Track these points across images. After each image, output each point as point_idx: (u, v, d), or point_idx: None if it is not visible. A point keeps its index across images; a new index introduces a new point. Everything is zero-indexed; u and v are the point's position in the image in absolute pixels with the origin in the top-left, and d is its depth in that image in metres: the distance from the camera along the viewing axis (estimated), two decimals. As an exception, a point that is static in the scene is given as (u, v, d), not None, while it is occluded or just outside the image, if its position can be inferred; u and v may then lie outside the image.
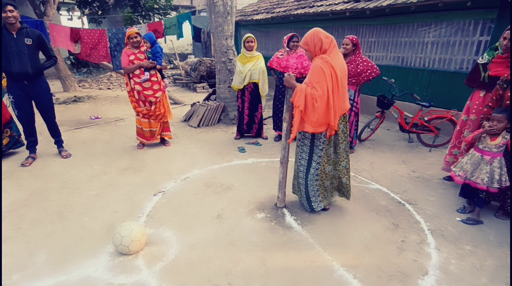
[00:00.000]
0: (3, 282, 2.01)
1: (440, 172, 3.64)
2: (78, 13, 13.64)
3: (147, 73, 4.00)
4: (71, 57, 11.83)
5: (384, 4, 5.07)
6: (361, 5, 5.57)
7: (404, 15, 5.14)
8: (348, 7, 5.79)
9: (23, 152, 4.16)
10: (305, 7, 7.27)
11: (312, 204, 2.72)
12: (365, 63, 3.79)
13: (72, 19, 15.56)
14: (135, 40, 3.88)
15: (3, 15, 3.27)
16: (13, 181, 3.43)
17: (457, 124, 4.17)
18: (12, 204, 2.96)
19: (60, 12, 13.12)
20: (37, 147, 4.05)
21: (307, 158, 2.60)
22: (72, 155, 4.16)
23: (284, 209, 2.85)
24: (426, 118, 4.32)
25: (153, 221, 2.69)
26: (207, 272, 2.11)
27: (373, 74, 3.82)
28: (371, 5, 5.33)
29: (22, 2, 10.12)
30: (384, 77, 4.59)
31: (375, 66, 3.83)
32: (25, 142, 4.07)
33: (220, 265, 2.18)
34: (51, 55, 3.77)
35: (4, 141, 4.00)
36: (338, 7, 6.01)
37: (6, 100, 3.77)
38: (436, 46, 4.94)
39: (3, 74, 3.88)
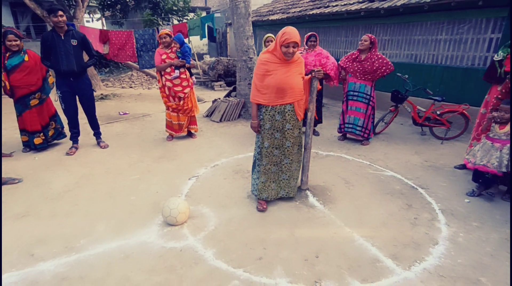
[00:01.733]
0: (74, 245, 2.40)
1: (452, 162, 3.88)
2: (97, 15, 14.24)
3: (177, 71, 4.37)
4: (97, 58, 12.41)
5: (398, 4, 5.32)
6: (375, 5, 5.82)
7: (418, 14, 5.37)
8: (363, 7, 6.04)
9: (66, 143, 4.60)
10: (320, 7, 7.55)
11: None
12: (380, 60, 4.06)
13: (92, 21, 16.22)
14: (164, 40, 4.26)
15: (55, 19, 3.69)
16: (63, 167, 3.85)
17: (468, 118, 4.41)
18: (66, 185, 3.37)
19: (83, 14, 13.71)
20: (79, 138, 4.47)
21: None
22: (109, 146, 4.57)
23: (307, 191, 3.16)
24: (438, 112, 4.56)
25: (192, 200, 3.05)
26: (244, 239, 2.45)
27: (387, 70, 4.09)
28: (385, 5, 5.58)
29: (49, 6, 10.70)
30: (398, 73, 4.85)
31: (390, 63, 4.09)
32: (67, 134, 4.51)
33: (254, 234, 2.51)
34: (93, 54, 4.19)
35: (50, 133, 4.44)
36: (353, 7, 6.27)
37: (54, 95, 4.19)
38: (448, 43, 5.15)
39: (50, 72, 4.34)
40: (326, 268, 2.14)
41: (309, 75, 2.72)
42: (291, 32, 2.38)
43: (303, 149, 2.92)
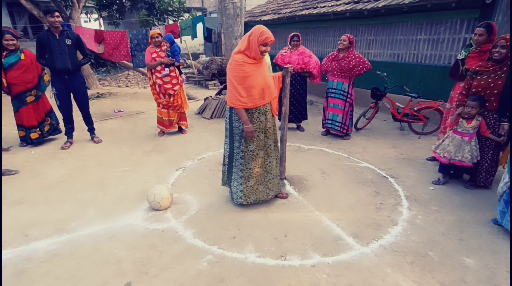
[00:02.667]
0: (65, 227, 2.63)
1: (425, 154, 4.12)
2: (95, 16, 14.45)
3: (167, 69, 4.60)
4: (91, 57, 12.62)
5: (380, 5, 5.55)
6: (359, 6, 6.06)
7: (398, 15, 5.61)
8: (348, 8, 6.28)
9: (61, 138, 4.82)
10: (309, 8, 7.79)
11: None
12: (357, 59, 4.30)
13: (90, 21, 16.41)
14: (156, 39, 4.49)
15: (51, 19, 3.91)
16: (57, 160, 4.08)
17: (443, 113, 4.65)
18: (60, 176, 3.60)
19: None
20: (73, 133, 4.70)
21: None
22: (102, 141, 4.79)
23: (284, 180, 3.39)
24: (415, 108, 4.80)
25: (177, 188, 3.28)
26: (222, 221, 2.68)
27: (364, 69, 4.32)
28: (369, 6, 5.82)
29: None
30: (377, 71, 5.09)
31: (367, 62, 4.33)
32: (62, 129, 4.74)
33: (231, 217, 2.74)
34: (86, 54, 4.43)
35: (46, 128, 4.66)
36: (339, 8, 6.51)
37: (49, 92, 4.42)
38: (427, 43, 5.40)
39: (46, 70, 4.56)
40: (292, 245, 2.37)
41: (280, 73, 2.93)
42: (268, 31, 2.46)
43: (279, 144, 3.12)
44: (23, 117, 4.34)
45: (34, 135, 4.47)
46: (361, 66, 4.29)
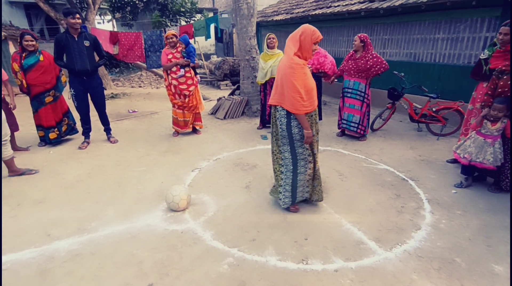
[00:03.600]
0: (86, 227, 2.65)
1: (445, 156, 4.02)
2: (108, 17, 14.66)
3: (182, 70, 4.61)
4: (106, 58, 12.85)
5: (397, 4, 5.45)
6: (375, 5, 5.97)
7: (416, 13, 5.49)
8: (363, 7, 6.19)
9: (77, 138, 4.89)
10: (322, 7, 7.71)
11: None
12: (374, 59, 4.21)
13: (103, 23, 16.66)
14: (171, 40, 4.51)
15: (72, 21, 3.97)
16: (75, 160, 4.14)
17: (463, 114, 4.54)
18: (79, 176, 3.64)
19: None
20: (90, 133, 4.76)
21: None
22: (118, 141, 4.84)
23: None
24: (434, 109, 4.69)
25: (194, 189, 3.28)
26: (240, 223, 2.66)
27: (381, 69, 4.23)
28: (385, 5, 5.72)
29: (62, 9, 11.15)
30: (394, 71, 4.99)
31: (384, 62, 4.24)
32: (79, 129, 4.81)
33: (249, 219, 2.72)
34: (103, 55, 4.48)
35: (63, 128, 4.73)
36: (354, 7, 6.42)
37: (67, 93, 4.48)
38: (446, 42, 5.27)
39: (63, 71, 4.63)
40: (313, 249, 2.33)
41: None
42: (316, 29, 2.40)
43: None
44: (42, 117, 4.42)
45: (52, 135, 4.55)
46: (378, 66, 4.21)
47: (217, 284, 2.01)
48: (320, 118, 5.19)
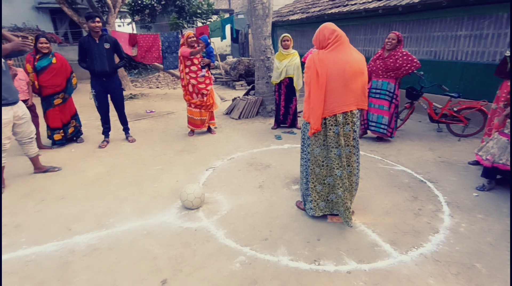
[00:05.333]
0: (104, 222, 2.74)
1: (466, 158, 3.87)
2: (128, 20, 15.08)
3: (203, 70, 4.69)
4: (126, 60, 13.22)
5: (416, 0, 5.31)
6: (393, 2, 5.83)
7: (436, 10, 5.33)
8: (381, 4, 6.06)
9: (98, 137, 5.04)
10: (339, 6, 7.61)
11: (305, 204, 2.68)
12: (404, 57, 4.02)
13: (123, 26, 17.13)
14: (192, 39, 4.57)
15: (92, 24, 4.11)
16: (95, 158, 4.28)
17: (486, 114, 4.37)
18: (99, 173, 3.77)
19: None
20: (110, 133, 4.91)
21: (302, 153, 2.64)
22: (136, 140, 4.97)
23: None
24: (455, 109, 4.53)
25: (208, 188, 3.32)
26: (253, 222, 2.68)
27: (412, 67, 4.03)
28: (404, 2, 5.58)
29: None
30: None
31: (416, 60, 4.03)
32: (83, 131, 4.95)
33: (262, 219, 2.73)
34: (123, 57, 4.61)
35: (70, 130, 4.81)
36: (371, 5, 6.30)
37: (89, 93, 4.64)
38: (468, 39, 5.08)
39: (74, 73, 4.73)
40: (325, 250, 2.31)
41: None
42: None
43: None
44: (49, 118, 4.53)
45: (57, 137, 4.63)
46: (409, 65, 4.02)
47: (229, 282, 2.03)
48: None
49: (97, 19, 4.12)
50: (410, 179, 3.42)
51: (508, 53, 3.30)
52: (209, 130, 5.26)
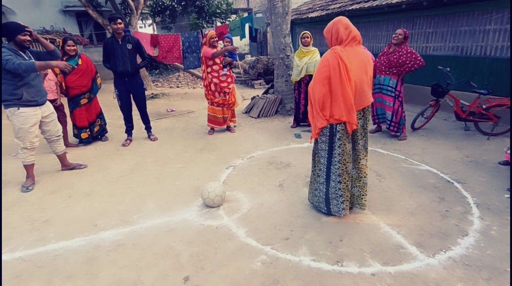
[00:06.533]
0: (128, 219, 2.82)
1: (496, 158, 3.69)
2: (149, 21, 15.42)
3: (225, 69, 4.72)
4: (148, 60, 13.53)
5: (442, -6, 5.10)
6: (418, -4, 5.63)
7: (463, 4, 5.10)
8: (405, -1, 5.87)
9: (121, 136, 5.19)
10: (360, 2, 7.44)
11: (331, 206, 2.61)
12: (408, 55, 4.01)
13: (145, 27, 17.54)
14: (214, 39, 4.61)
15: (115, 26, 4.23)
16: (119, 156, 4.41)
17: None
18: (122, 171, 3.88)
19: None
20: (132, 131, 5.04)
21: (327, 155, 2.49)
22: (158, 138, 5.08)
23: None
24: (484, 106, 4.32)
25: (228, 186, 3.34)
26: (273, 221, 2.67)
27: (416, 65, 4.01)
28: (429, -4, 5.38)
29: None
30: (439, 67, 4.68)
31: (420, 58, 4.01)
32: (108, 130, 5.09)
33: (283, 218, 2.72)
34: (145, 57, 4.71)
35: (95, 129, 4.98)
36: (394, 0, 6.11)
37: (113, 93, 4.78)
38: (498, 33, 4.83)
39: (98, 74, 4.88)
40: (349, 250, 2.27)
41: None
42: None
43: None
44: (76, 118, 4.70)
45: (84, 135, 4.81)
46: (412, 62, 4.00)
47: (250, 281, 2.04)
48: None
49: (119, 20, 4.23)
50: (436, 179, 3.29)
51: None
52: (229, 129, 5.29)
